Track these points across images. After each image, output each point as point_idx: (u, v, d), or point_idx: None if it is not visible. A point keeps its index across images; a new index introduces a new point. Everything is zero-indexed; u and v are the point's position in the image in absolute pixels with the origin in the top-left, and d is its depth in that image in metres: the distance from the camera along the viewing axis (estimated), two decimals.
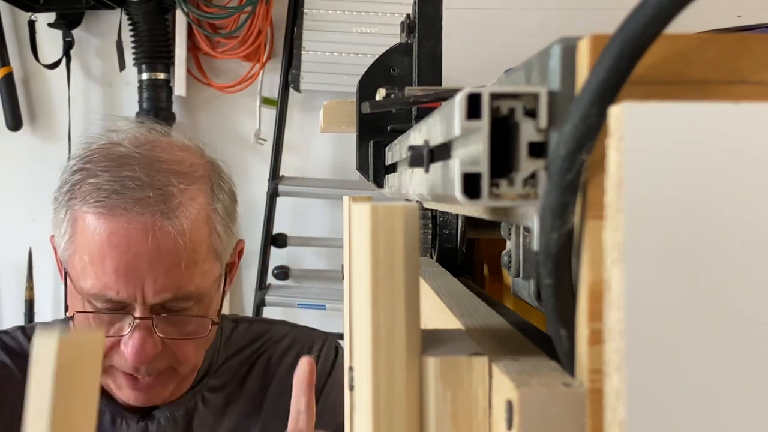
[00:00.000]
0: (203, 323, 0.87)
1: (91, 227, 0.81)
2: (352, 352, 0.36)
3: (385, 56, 0.70)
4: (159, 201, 0.81)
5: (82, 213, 0.82)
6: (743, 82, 0.25)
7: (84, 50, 2.24)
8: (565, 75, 0.25)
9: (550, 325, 0.27)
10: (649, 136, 0.22)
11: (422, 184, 0.39)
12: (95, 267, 0.81)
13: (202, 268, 0.85)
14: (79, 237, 0.83)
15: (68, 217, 0.84)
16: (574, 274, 0.26)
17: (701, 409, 0.22)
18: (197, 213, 0.84)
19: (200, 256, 0.84)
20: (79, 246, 0.83)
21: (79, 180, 0.84)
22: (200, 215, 0.85)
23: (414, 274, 0.29)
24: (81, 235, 0.83)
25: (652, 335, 0.22)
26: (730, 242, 0.22)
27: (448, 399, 0.29)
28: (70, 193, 0.85)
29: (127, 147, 0.85)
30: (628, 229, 0.22)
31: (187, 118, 2.25)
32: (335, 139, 2.19)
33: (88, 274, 0.82)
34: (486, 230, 0.65)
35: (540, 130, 0.26)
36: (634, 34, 0.23)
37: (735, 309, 0.22)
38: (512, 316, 0.41)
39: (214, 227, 0.87)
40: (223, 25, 2.13)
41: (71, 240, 0.84)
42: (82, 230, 0.82)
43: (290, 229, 2.19)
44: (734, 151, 0.22)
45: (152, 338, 0.83)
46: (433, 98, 0.48)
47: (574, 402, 0.25)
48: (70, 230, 0.84)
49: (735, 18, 0.45)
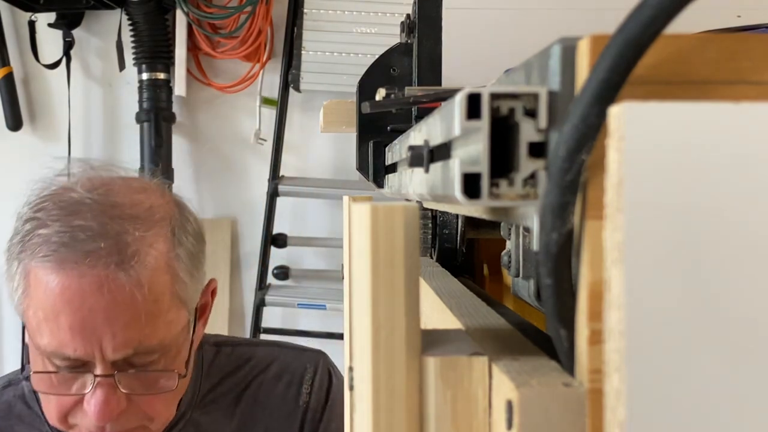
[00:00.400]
0: (171, 377, 0.81)
1: (43, 282, 0.77)
2: (352, 352, 0.36)
3: (385, 56, 0.70)
4: (112, 252, 0.76)
5: (33, 267, 0.78)
6: (743, 82, 0.25)
7: (84, 50, 2.24)
8: (565, 75, 0.25)
9: (550, 325, 0.27)
10: (649, 136, 0.22)
11: (422, 184, 0.39)
12: (50, 324, 0.77)
13: (166, 318, 0.80)
14: (32, 291, 0.78)
15: (20, 270, 0.80)
16: (574, 274, 0.26)
17: (701, 409, 0.22)
18: (156, 261, 0.79)
19: (163, 306, 0.79)
20: (33, 301, 0.78)
21: (29, 231, 0.79)
22: (160, 263, 0.79)
23: (414, 274, 0.29)
24: (34, 290, 0.78)
25: (652, 335, 0.22)
26: (730, 242, 0.22)
27: (448, 399, 0.29)
28: (20, 245, 0.80)
29: (80, 192, 0.80)
30: (628, 229, 0.22)
31: (187, 118, 2.25)
32: (335, 139, 2.19)
33: (43, 331, 0.77)
34: (486, 230, 0.65)
35: (540, 130, 0.26)
36: (634, 34, 0.23)
37: (735, 309, 0.22)
38: (512, 316, 0.41)
39: (177, 274, 0.81)
40: (223, 25, 2.13)
41: (24, 294, 0.79)
42: (35, 285, 0.78)
43: (290, 229, 2.19)
44: (734, 151, 0.22)
45: (116, 395, 0.78)
46: (433, 98, 0.48)
47: (574, 402, 0.25)
48: (23, 284, 0.79)
49: (735, 18, 0.45)
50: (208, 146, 2.25)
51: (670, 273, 0.22)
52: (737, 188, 0.22)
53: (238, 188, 2.26)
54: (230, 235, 2.23)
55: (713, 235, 0.22)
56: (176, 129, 2.22)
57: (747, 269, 0.22)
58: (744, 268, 0.22)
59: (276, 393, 0.95)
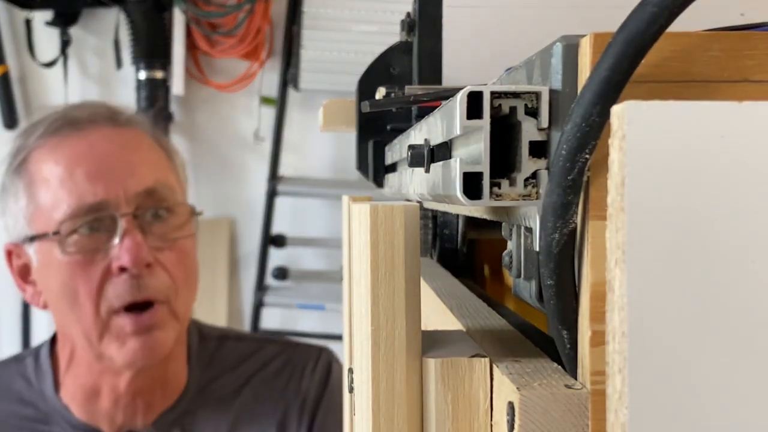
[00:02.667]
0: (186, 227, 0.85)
1: (50, 157, 0.82)
2: (352, 354, 0.36)
3: (385, 55, 0.70)
4: (109, 116, 0.84)
5: (34, 156, 0.83)
6: (747, 80, 0.25)
7: (81, 49, 2.24)
8: (567, 74, 0.25)
9: (551, 326, 0.27)
10: (651, 136, 0.22)
11: (422, 183, 0.39)
12: (66, 185, 0.80)
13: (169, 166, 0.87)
14: (39, 176, 0.83)
15: (24, 172, 0.84)
16: (576, 274, 0.26)
17: (704, 410, 0.22)
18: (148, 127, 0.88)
19: (163, 157, 0.86)
20: (42, 184, 0.82)
21: (22, 143, 0.85)
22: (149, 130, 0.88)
23: (414, 274, 0.28)
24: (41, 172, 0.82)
25: (654, 336, 0.22)
26: (733, 242, 0.22)
27: (449, 401, 0.29)
28: (16, 156, 0.85)
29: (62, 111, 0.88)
30: (631, 229, 0.22)
31: (186, 118, 2.25)
32: (335, 139, 2.19)
33: (61, 199, 0.80)
34: (487, 230, 0.65)
35: (541, 130, 0.26)
36: (637, 32, 0.23)
37: (738, 310, 0.22)
38: (513, 317, 0.41)
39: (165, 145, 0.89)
40: (222, 23, 2.13)
41: (31, 192, 0.83)
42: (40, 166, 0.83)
43: (289, 230, 2.19)
44: (737, 151, 0.22)
45: (143, 241, 0.80)
46: (433, 97, 0.48)
47: (576, 404, 0.25)
48: (27, 183, 0.83)
49: (738, 16, 0.45)
50: (206, 146, 2.25)
51: (673, 273, 0.22)
52: (740, 188, 0.22)
53: (236, 188, 2.25)
54: (229, 236, 2.23)
55: (716, 234, 0.22)
56: (174, 128, 2.22)
57: (750, 269, 0.22)
58: (747, 268, 0.22)
59: (276, 387, 0.95)
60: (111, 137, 0.83)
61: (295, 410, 0.95)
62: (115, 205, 0.80)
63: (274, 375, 0.96)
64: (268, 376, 0.96)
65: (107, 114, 0.85)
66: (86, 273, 0.80)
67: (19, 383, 0.91)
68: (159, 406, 0.89)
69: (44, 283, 0.84)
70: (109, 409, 0.87)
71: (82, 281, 0.80)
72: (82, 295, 0.80)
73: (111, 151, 0.82)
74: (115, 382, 0.86)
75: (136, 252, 0.79)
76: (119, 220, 0.79)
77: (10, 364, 0.94)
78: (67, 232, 0.80)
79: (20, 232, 0.84)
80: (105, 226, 0.80)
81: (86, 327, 0.81)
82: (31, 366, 0.91)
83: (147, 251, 0.80)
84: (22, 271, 0.87)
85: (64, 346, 0.89)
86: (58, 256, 0.80)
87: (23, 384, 0.91)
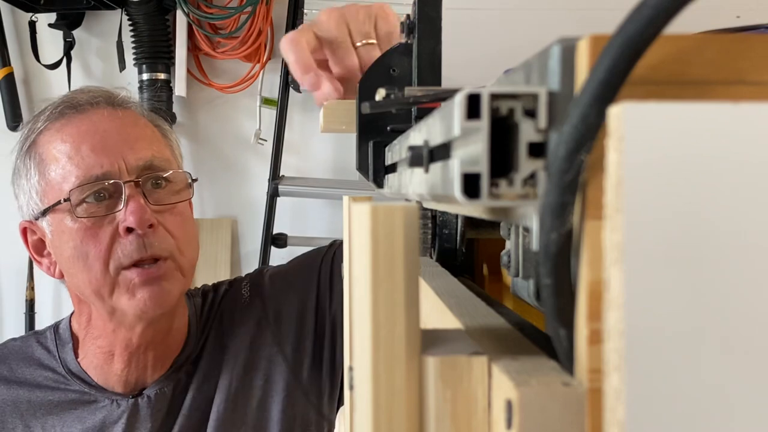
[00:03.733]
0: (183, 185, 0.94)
1: (57, 135, 0.91)
2: (352, 352, 0.36)
3: (384, 56, 0.70)
4: (110, 97, 0.95)
5: (45, 136, 0.91)
6: (742, 82, 0.25)
7: (85, 51, 2.24)
8: (565, 75, 0.25)
9: (549, 324, 0.27)
10: (648, 137, 0.22)
11: (422, 184, 0.39)
12: (74, 159, 0.89)
13: (161, 142, 0.95)
14: (49, 153, 0.90)
15: (34, 153, 0.92)
16: (574, 274, 0.26)
17: (700, 408, 0.22)
18: (139, 111, 0.97)
19: (156, 134, 0.96)
20: (52, 161, 0.90)
21: (31, 125, 0.94)
22: (141, 114, 0.97)
23: (414, 274, 0.29)
24: (51, 149, 0.91)
25: (651, 335, 0.22)
26: (729, 242, 0.22)
27: (448, 398, 0.29)
28: (25, 140, 0.93)
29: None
30: (628, 229, 0.22)
31: (188, 119, 2.25)
32: (335, 139, 2.19)
33: (70, 171, 0.89)
34: (485, 230, 0.65)
35: (539, 131, 0.26)
36: (634, 34, 0.23)
37: (734, 309, 0.22)
38: (512, 315, 0.41)
39: (161, 126, 0.98)
40: (224, 25, 2.13)
41: (42, 169, 0.91)
42: (50, 143, 0.91)
43: (290, 229, 2.19)
44: (734, 152, 0.22)
45: (146, 205, 0.88)
46: (432, 98, 0.48)
47: (573, 402, 0.25)
48: (38, 161, 0.91)
49: (734, 18, 0.45)
50: (208, 146, 2.25)
51: (669, 273, 0.22)
52: (736, 188, 0.22)
53: (238, 188, 2.26)
54: (230, 235, 2.23)
55: (713, 235, 0.22)
56: (176, 129, 2.22)
57: (746, 269, 0.22)
58: (743, 267, 0.22)
59: (234, 308, 1.04)
60: (111, 116, 0.92)
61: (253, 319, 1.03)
62: (119, 174, 0.89)
63: (228, 298, 1.06)
64: (226, 302, 1.05)
65: (105, 96, 0.94)
66: (96, 236, 0.88)
67: (39, 351, 0.99)
68: (167, 360, 0.98)
69: (58, 251, 0.92)
70: (122, 370, 0.95)
71: (93, 243, 0.88)
72: (92, 256, 0.88)
73: (112, 129, 0.91)
74: (128, 337, 0.93)
75: (140, 213, 0.87)
76: (123, 187, 0.88)
77: (30, 337, 1.02)
78: (77, 201, 0.88)
79: (34, 208, 0.93)
80: (110, 193, 0.89)
81: (98, 285, 0.89)
82: (50, 337, 1.00)
83: (150, 213, 0.88)
84: (37, 245, 0.96)
85: (80, 313, 0.97)
86: (69, 223, 0.89)
87: (43, 352, 0.99)
